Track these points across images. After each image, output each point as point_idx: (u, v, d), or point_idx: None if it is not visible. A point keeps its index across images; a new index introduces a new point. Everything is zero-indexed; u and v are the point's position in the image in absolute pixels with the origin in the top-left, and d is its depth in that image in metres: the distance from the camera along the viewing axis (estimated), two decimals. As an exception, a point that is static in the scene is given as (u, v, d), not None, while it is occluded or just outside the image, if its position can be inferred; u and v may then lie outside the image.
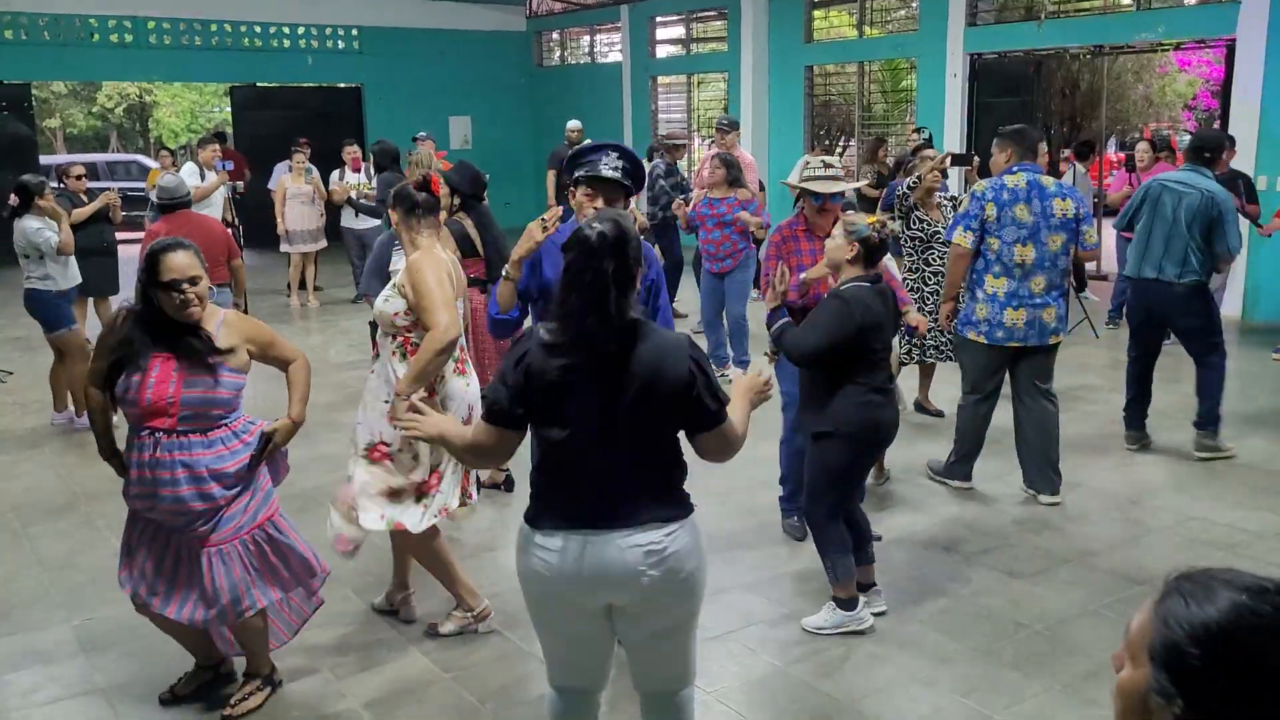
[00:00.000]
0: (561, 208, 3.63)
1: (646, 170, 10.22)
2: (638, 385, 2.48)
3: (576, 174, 3.51)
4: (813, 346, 4.01)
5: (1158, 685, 1.23)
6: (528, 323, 3.61)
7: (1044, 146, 7.43)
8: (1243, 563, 4.63)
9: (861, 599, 4.14)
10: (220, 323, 3.46)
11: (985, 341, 5.42)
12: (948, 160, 7.50)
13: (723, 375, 7.74)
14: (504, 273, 3.48)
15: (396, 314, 3.83)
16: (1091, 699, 3.62)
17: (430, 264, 3.81)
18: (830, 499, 4.14)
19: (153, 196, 7.12)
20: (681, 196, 9.11)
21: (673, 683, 2.80)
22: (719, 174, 7.65)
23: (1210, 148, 6.19)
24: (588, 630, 2.67)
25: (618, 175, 3.44)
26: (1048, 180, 5.39)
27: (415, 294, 3.77)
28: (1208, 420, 6.20)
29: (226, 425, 3.42)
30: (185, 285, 3.31)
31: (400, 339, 3.87)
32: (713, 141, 10.06)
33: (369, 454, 3.91)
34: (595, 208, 3.37)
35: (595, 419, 2.50)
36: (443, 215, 5.64)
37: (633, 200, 3.68)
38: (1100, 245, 7.09)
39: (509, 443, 2.64)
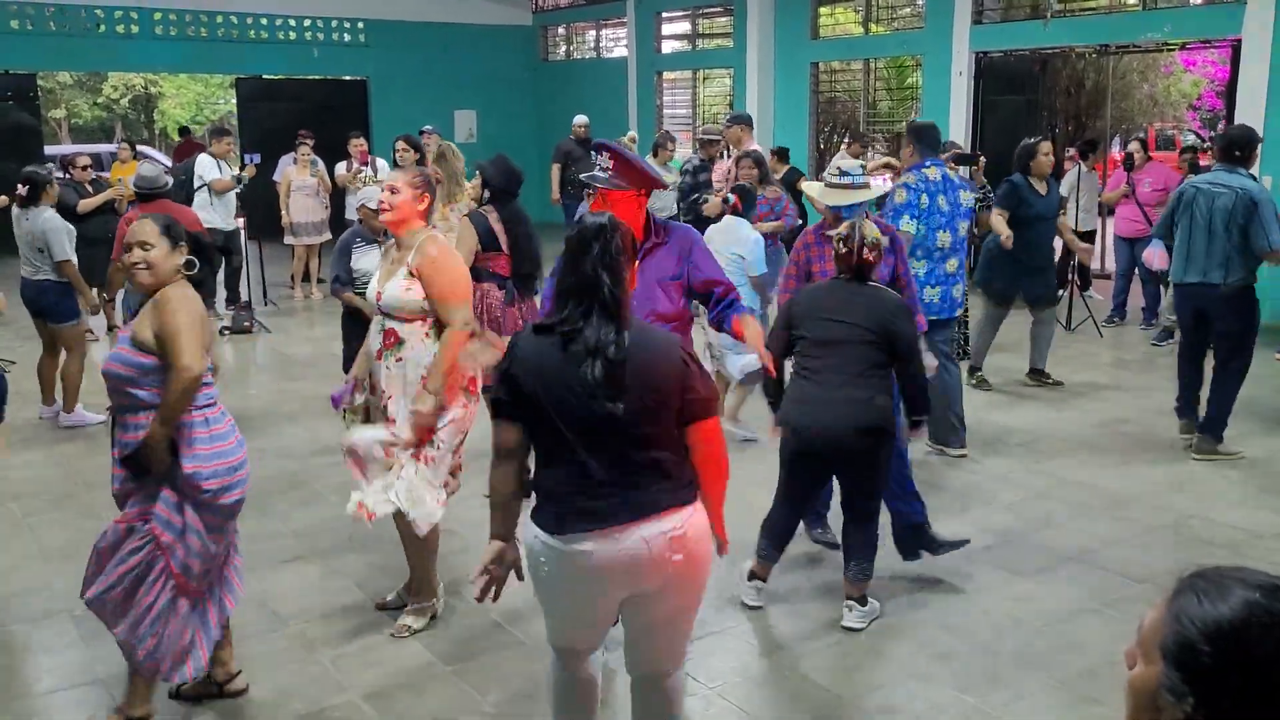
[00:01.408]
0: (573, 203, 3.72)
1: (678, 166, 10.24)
2: (633, 379, 2.55)
3: (582, 176, 3.63)
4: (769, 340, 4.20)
5: (1168, 682, 1.23)
6: None
7: (1047, 146, 7.47)
8: (1244, 562, 4.62)
9: (756, 582, 4.31)
10: (155, 300, 3.31)
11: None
12: (952, 159, 7.54)
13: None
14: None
15: (425, 298, 3.91)
16: (1090, 697, 3.63)
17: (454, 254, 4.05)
18: (779, 480, 4.31)
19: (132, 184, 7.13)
20: (709, 193, 9.10)
21: (667, 664, 2.88)
22: (752, 173, 7.64)
23: (1240, 145, 6.06)
24: (605, 613, 2.79)
25: (606, 176, 3.47)
26: (951, 173, 6.19)
27: (437, 284, 3.89)
28: (1214, 424, 6.17)
29: (147, 414, 3.28)
30: (135, 248, 3.31)
31: (429, 321, 3.94)
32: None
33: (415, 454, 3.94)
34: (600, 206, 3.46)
35: (593, 411, 2.56)
36: (471, 207, 5.67)
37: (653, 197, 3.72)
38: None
39: (517, 436, 2.68)
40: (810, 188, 5.11)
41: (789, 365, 4.26)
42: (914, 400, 4.13)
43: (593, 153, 3.62)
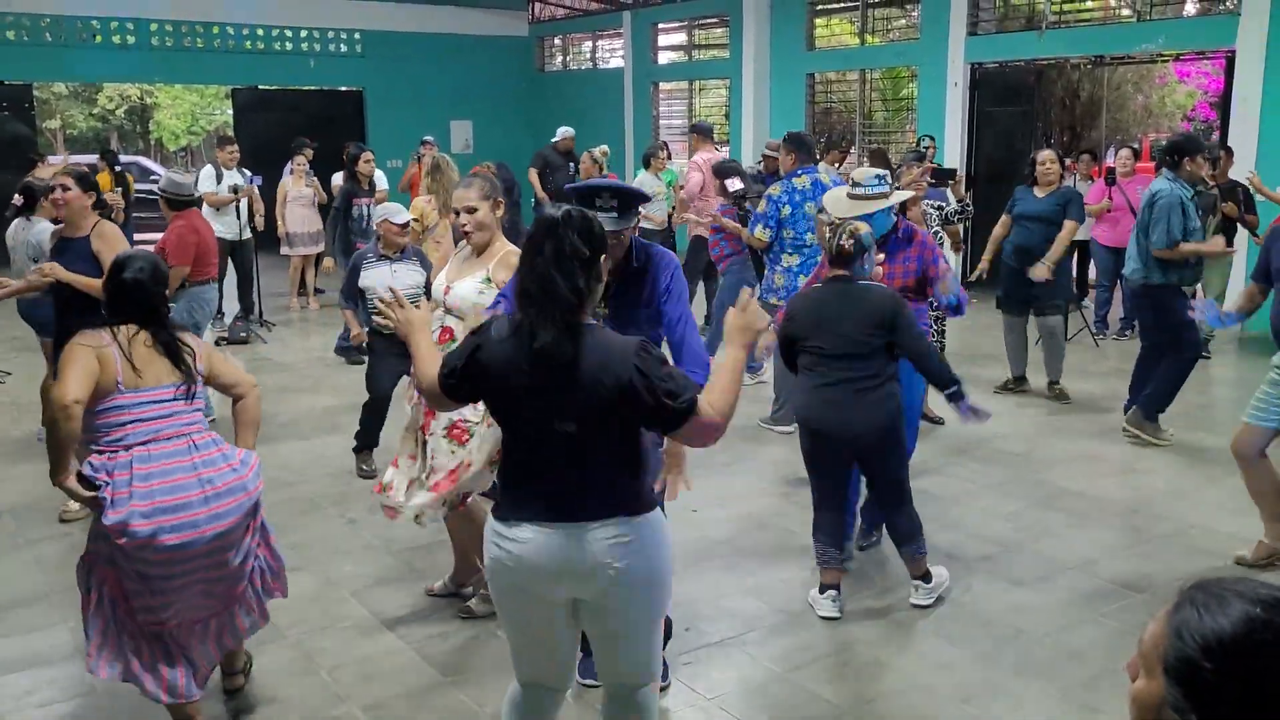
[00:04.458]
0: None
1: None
2: (580, 385, 2.52)
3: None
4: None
5: (1172, 699, 1.22)
6: None
7: (1044, 154, 7.58)
8: (1242, 571, 4.62)
9: (831, 593, 4.33)
10: None
11: (784, 304, 6.16)
12: (928, 174, 7.64)
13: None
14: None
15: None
16: (1090, 705, 3.62)
17: None
18: (811, 485, 4.42)
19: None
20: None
21: (633, 678, 2.84)
22: (715, 182, 7.85)
23: (1171, 150, 6.50)
24: (551, 624, 2.71)
25: (613, 226, 3.28)
26: (824, 178, 6.78)
27: None
28: (1148, 401, 6.49)
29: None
30: None
31: None
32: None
33: (449, 431, 3.99)
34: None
35: (544, 414, 2.56)
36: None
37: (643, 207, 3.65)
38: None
39: (447, 405, 2.84)
40: (834, 206, 5.10)
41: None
42: (935, 377, 4.28)
43: (596, 198, 3.35)
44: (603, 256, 2.62)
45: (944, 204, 7.81)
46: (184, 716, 3.39)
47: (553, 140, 12.32)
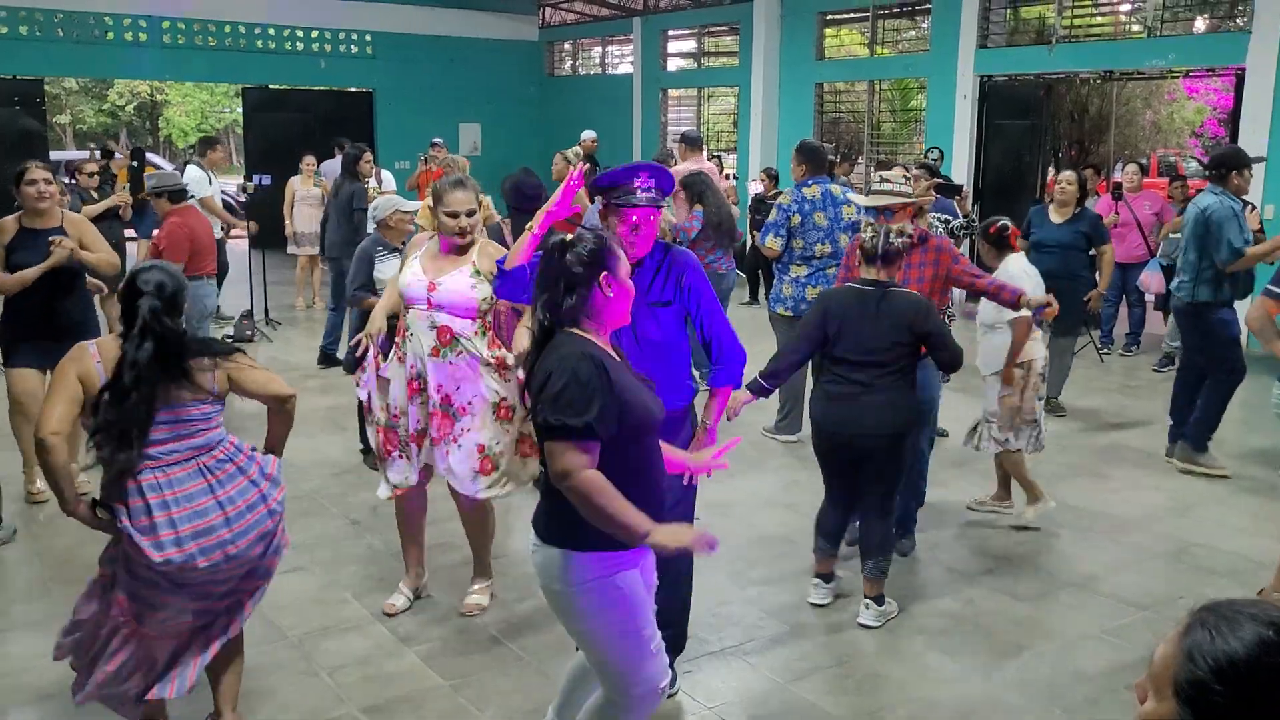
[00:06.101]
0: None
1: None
2: (533, 383, 2.65)
3: (612, 200, 3.42)
4: (785, 337, 4.52)
5: None
6: None
7: (1067, 175, 7.58)
8: (1245, 591, 4.61)
9: (818, 580, 4.52)
10: None
11: (791, 315, 6.44)
12: (932, 188, 7.63)
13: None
14: (529, 225, 3.51)
15: (485, 299, 4.05)
16: (1092, 724, 3.62)
17: None
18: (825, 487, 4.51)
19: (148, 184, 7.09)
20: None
21: (601, 681, 2.86)
22: (680, 194, 7.89)
23: (1217, 164, 6.41)
24: None
25: (651, 195, 3.40)
26: (836, 189, 6.68)
27: None
28: (1191, 431, 6.37)
29: None
30: None
31: (479, 321, 4.07)
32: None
33: (497, 411, 4.09)
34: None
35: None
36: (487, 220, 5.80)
37: (664, 208, 3.69)
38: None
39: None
40: (857, 199, 5.64)
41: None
42: (947, 367, 4.41)
43: (632, 178, 3.42)
44: (604, 274, 2.67)
45: (950, 218, 7.82)
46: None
47: (580, 145, 12.37)
